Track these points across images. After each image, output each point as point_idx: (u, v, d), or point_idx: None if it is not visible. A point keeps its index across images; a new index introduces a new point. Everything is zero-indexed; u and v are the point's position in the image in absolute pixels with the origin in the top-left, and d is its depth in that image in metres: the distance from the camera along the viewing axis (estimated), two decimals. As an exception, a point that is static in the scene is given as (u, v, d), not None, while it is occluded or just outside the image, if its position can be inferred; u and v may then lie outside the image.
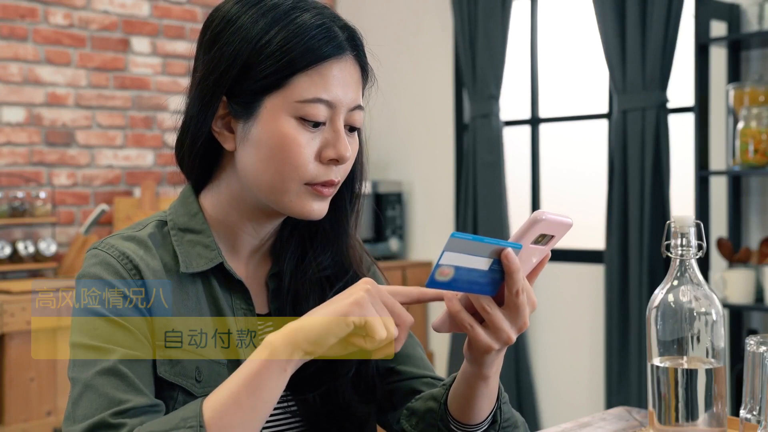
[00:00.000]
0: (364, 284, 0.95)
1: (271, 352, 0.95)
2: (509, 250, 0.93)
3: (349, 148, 1.08)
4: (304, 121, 1.06)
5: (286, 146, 1.05)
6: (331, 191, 1.10)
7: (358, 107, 1.11)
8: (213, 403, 0.95)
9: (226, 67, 1.07)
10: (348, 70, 1.09)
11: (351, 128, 1.11)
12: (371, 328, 0.93)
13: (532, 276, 1.00)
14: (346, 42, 1.09)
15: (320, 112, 1.06)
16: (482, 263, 0.92)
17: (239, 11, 1.09)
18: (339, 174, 1.10)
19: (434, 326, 1.00)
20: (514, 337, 0.98)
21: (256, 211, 1.13)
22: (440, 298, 0.97)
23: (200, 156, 1.12)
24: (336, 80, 1.07)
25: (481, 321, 0.98)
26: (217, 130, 1.10)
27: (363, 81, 1.13)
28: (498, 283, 0.95)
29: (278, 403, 1.13)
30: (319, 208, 1.09)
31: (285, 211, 1.10)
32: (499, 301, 0.97)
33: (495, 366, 1.04)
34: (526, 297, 0.97)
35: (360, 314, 0.93)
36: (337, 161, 1.08)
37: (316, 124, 1.07)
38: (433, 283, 0.91)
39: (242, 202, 1.13)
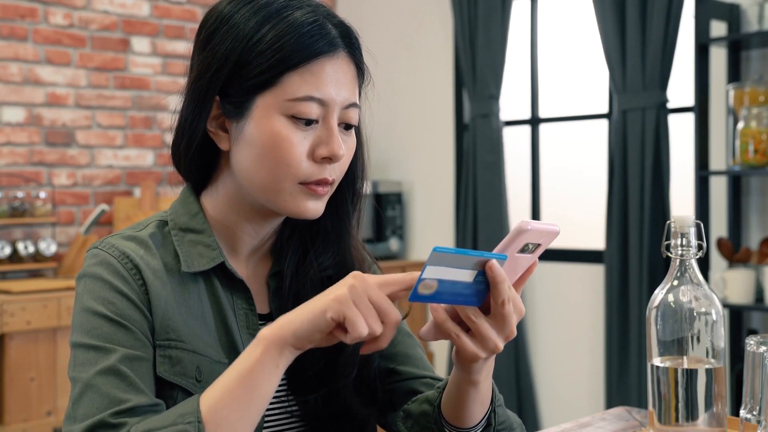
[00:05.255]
0: (351, 278, 0.93)
1: (264, 349, 0.95)
2: (493, 261, 0.92)
3: (342, 146, 1.07)
4: (296, 119, 1.05)
5: (278, 145, 1.05)
6: (326, 190, 1.09)
7: (353, 105, 1.09)
8: (210, 399, 0.96)
9: (218, 67, 1.06)
10: (341, 67, 1.07)
11: (346, 126, 1.10)
12: (351, 325, 0.92)
13: (519, 284, 0.99)
14: (340, 39, 1.07)
15: (312, 110, 1.05)
16: (466, 275, 0.91)
17: (232, 10, 1.08)
18: (334, 173, 1.08)
19: (421, 334, 0.99)
20: (501, 345, 0.97)
21: (254, 211, 1.12)
22: None
23: (197, 157, 1.12)
24: (328, 78, 1.05)
25: (468, 330, 0.97)
26: (212, 130, 1.10)
27: (359, 79, 1.12)
28: (483, 293, 0.94)
29: (279, 404, 1.13)
30: (314, 207, 1.08)
31: (280, 210, 1.09)
32: (486, 310, 0.96)
33: (484, 372, 1.03)
34: (513, 306, 0.95)
35: (339, 311, 0.92)
36: (330, 159, 1.07)
37: (309, 122, 1.05)
38: (416, 297, 0.90)
39: (240, 203, 1.12)
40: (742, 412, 1.14)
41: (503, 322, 0.96)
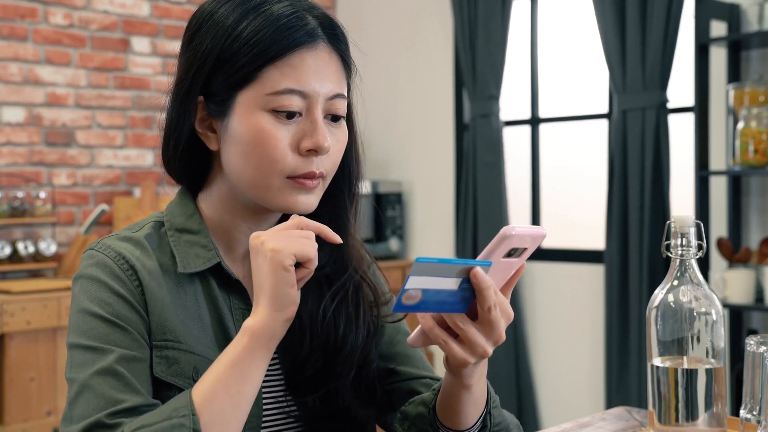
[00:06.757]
0: (255, 239, 0.98)
1: (251, 337, 0.97)
2: (478, 268, 0.92)
3: (327, 137, 1.06)
4: (278, 113, 1.04)
5: (262, 140, 1.04)
6: (316, 183, 1.08)
7: (339, 96, 1.08)
8: (202, 392, 0.96)
9: (199, 65, 1.06)
10: (322, 59, 1.06)
11: (333, 117, 1.09)
12: (305, 255, 0.97)
13: (506, 288, 0.99)
14: (320, 30, 1.07)
15: (294, 103, 1.04)
16: (451, 283, 0.91)
17: (213, 8, 1.08)
18: (322, 165, 1.07)
19: (409, 342, 0.99)
20: (490, 350, 0.97)
21: (248, 210, 1.12)
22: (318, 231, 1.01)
23: (187, 158, 1.12)
24: (309, 70, 1.05)
25: (456, 336, 0.97)
26: (201, 131, 1.10)
27: (345, 70, 1.11)
28: (469, 300, 0.94)
29: (277, 405, 1.13)
30: (305, 201, 1.08)
31: (271, 206, 1.09)
32: (473, 316, 0.96)
33: (476, 376, 1.03)
34: (501, 310, 0.95)
35: (287, 255, 0.96)
36: (316, 152, 1.06)
37: (291, 116, 1.05)
38: (400, 307, 0.90)
39: (234, 203, 1.12)
40: (742, 412, 1.14)
41: (491, 328, 0.95)
